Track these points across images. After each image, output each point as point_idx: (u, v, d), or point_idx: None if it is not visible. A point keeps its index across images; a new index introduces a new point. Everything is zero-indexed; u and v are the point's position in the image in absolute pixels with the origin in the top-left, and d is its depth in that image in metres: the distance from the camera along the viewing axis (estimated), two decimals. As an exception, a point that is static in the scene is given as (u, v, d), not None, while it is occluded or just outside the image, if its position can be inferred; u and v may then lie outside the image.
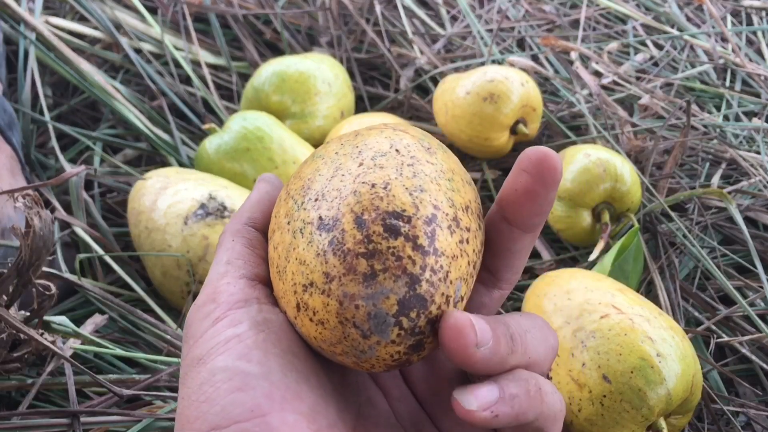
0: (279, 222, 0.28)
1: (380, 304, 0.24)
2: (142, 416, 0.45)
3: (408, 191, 0.25)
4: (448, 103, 0.67)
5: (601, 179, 0.59)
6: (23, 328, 0.42)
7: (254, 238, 0.29)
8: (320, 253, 0.25)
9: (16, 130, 0.63)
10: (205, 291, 0.28)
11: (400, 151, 0.27)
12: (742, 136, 0.73)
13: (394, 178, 0.26)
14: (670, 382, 0.43)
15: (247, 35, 0.81)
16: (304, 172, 0.28)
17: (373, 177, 0.26)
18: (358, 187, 0.25)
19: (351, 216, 0.25)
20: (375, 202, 0.25)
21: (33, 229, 0.41)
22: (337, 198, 0.26)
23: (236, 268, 0.28)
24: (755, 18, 0.91)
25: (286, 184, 0.29)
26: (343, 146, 0.28)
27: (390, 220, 0.25)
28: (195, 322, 0.27)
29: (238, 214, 0.30)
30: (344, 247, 0.25)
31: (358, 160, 0.27)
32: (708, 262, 0.58)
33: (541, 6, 0.90)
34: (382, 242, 0.24)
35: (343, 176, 0.26)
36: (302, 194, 0.27)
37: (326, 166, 0.27)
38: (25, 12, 0.72)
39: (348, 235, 0.25)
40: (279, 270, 0.27)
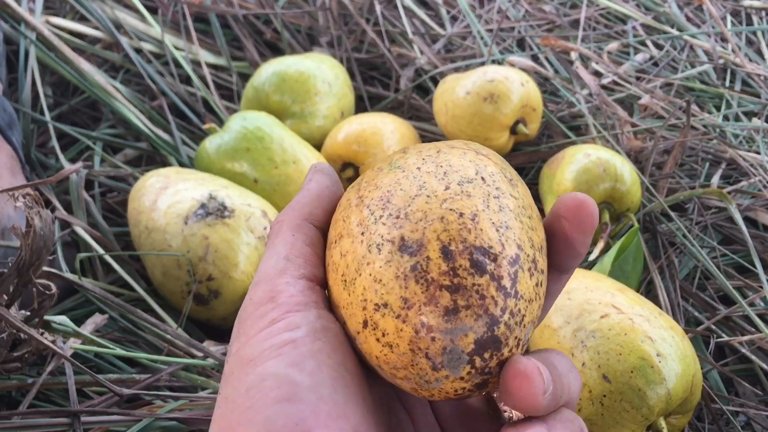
0: (349, 229, 0.26)
1: (458, 340, 0.24)
2: (143, 416, 0.45)
3: (495, 227, 0.25)
4: (448, 103, 0.67)
5: (601, 179, 0.59)
6: (24, 328, 0.42)
7: (314, 236, 0.28)
8: (400, 276, 0.24)
9: (16, 130, 0.63)
10: (262, 287, 0.27)
11: (486, 180, 0.26)
12: (741, 136, 0.73)
13: (482, 210, 0.25)
14: (670, 381, 0.43)
15: (247, 35, 0.81)
16: (381, 182, 0.27)
17: (460, 205, 0.25)
18: (446, 214, 0.25)
19: (437, 244, 0.24)
20: (463, 234, 0.24)
21: (33, 229, 0.41)
22: (422, 220, 0.25)
23: (296, 266, 0.27)
24: (755, 18, 0.91)
25: (355, 188, 0.28)
26: (425, 162, 0.27)
27: (477, 255, 0.24)
28: (250, 318, 0.26)
29: (298, 206, 0.29)
30: (428, 276, 0.24)
31: (444, 183, 0.26)
32: (708, 262, 0.58)
33: (541, 6, 0.90)
34: (468, 278, 0.24)
35: (429, 198, 0.25)
36: (380, 206, 0.26)
37: (408, 180, 0.26)
38: (25, 12, 0.72)
39: (433, 264, 0.24)
40: (346, 280, 0.26)
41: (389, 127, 0.66)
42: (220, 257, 0.53)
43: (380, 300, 0.25)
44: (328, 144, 0.66)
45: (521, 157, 0.70)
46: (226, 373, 0.26)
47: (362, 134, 0.65)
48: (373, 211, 0.26)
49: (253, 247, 0.54)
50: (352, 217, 0.27)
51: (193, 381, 0.49)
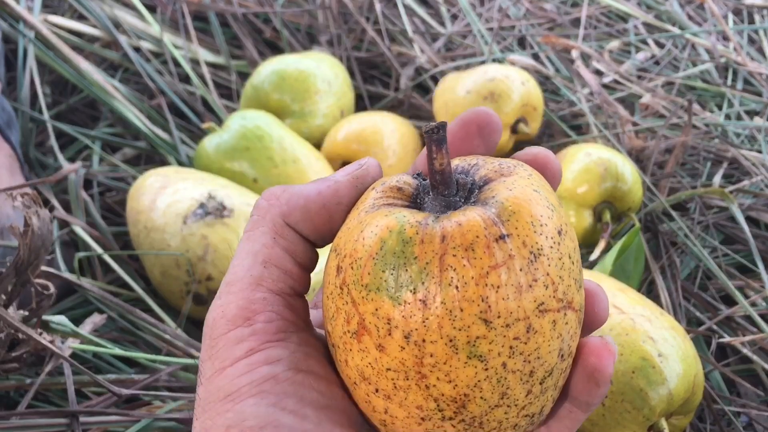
0: (404, 403, 0.24)
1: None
2: (141, 416, 0.44)
3: (557, 389, 0.25)
4: (448, 102, 0.67)
5: (602, 178, 0.59)
6: (22, 328, 0.42)
7: (298, 244, 0.26)
8: None
9: (14, 129, 0.63)
10: (234, 299, 0.25)
11: (564, 355, 0.25)
12: (743, 135, 0.72)
13: (551, 397, 0.25)
14: (672, 382, 0.42)
15: (246, 34, 0.80)
16: (456, 374, 0.23)
17: (536, 407, 0.24)
18: (521, 422, 0.24)
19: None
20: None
21: (31, 228, 0.41)
22: (495, 430, 0.24)
23: (274, 278, 0.25)
24: (757, 16, 0.91)
25: (413, 362, 0.23)
26: (512, 353, 0.23)
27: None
28: (222, 341, 0.25)
29: (288, 201, 0.26)
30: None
31: (527, 387, 0.23)
32: (709, 261, 0.57)
33: (542, 4, 0.90)
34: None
35: (509, 408, 0.24)
36: (453, 408, 0.23)
37: (490, 386, 0.23)
38: (24, 10, 0.72)
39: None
40: (389, 429, 0.25)
41: (389, 126, 0.66)
42: (219, 257, 0.53)
43: None
44: (328, 143, 0.66)
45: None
46: (201, 398, 0.25)
47: (362, 133, 0.65)
48: (442, 409, 0.23)
49: (252, 246, 0.54)
50: (411, 396, 0.23)
51: (192, 381, 0.48)
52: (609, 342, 0.25)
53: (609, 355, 0.25)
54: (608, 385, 0.25)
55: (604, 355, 0.25)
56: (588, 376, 0.25)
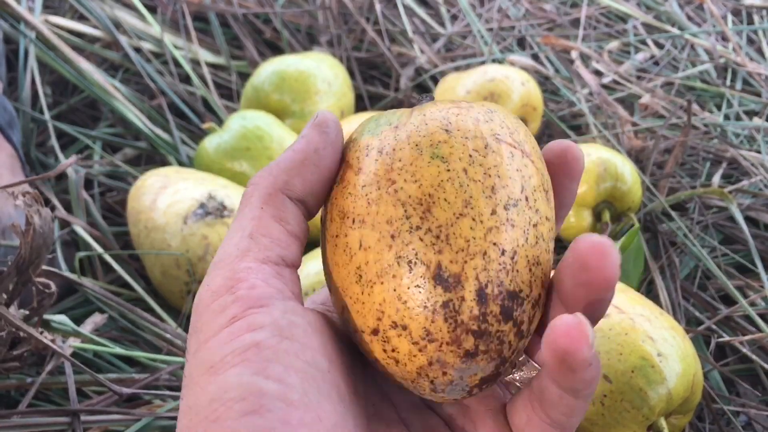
0: (376, 219, 0.24)
1: (467, 377, 0.24)
2: (142, 415, 0.44)
3: (529, 265, 0.24)
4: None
5: (601, 178, 0.59)
6: (23, 327, 0.42)
7: (287, 210, 0.26)
8: (429, 307, 0.23)
9: (16, 129, 0.63)
10: (220, 272, 0.24)
11: (528, 200, 0.25)
12: (742, 135, 0.72)
13: (521, 244, 0.24)
14: (671, 381, 0.43)
15: (246, 34, 0.80)
16: (420, 173, 0.24)
17: (504, 238, 0.24)
18: (490, 250, 0.24)
19: (474, 284, 0.23)
20: (501, 276, 0.24)
21: (33, 227, 0.41)
22: (463, 251, 0.23)
23: (261, 247, 0.25)
24: (756, 17, 0.91)
25: (382, 157, 0.25)
26: (472, 162, 0.24)
27: (508, 301, 0.24)
28: (207, 313, 0.24)
29: (275, 171, 0.26)
30: (458, 318, 0.23)
31: (491, 204, 0.24)
32: (709, 261, 0.58)
33: (542, 5, 0.90)
34: (495, 324, 0.24)
35: (474, 222, 0.24)
36: (419, 213, 0.24)
37: (453, 188, 0.24)
38: (24, 11, 0.72)
39: (466, 306, 0.23)
40: (362, 276, 0.24)
41: (389, 126, 0.66)
42: (219, 257, 0.53)
43: (400, 320, 0.24)
44: (328, 143, 0.66)
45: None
46: (187, 375, 0.24)
47: (362, 133, 0.65)
48: (410, 216, 0.24)
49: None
50: (382, 208, 0.24)
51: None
52: (582, 322, 0.22)
53: (581, 337, 0.22)
54: (589, 370, 0.22)
55: (575, 336, 0.22)
56: (560, 360, 0.22)
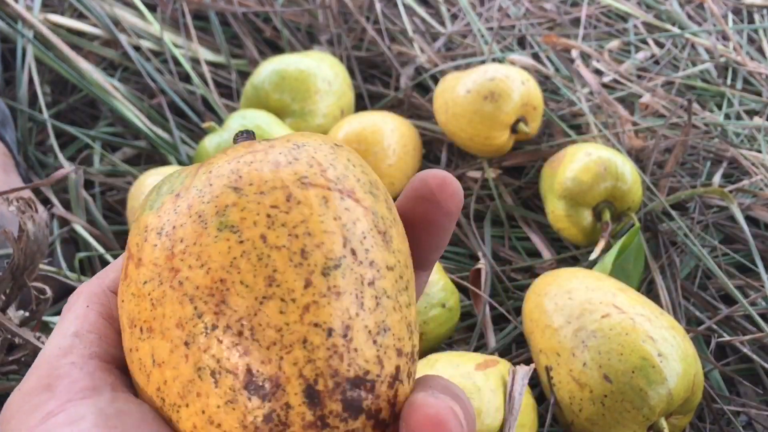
0: (164, 325, 0.19)
1: None
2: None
3: (371, 337, 0.19)
4: (448, 102, 0.67)
5: (601, 178, 0.59)
6: (19, 332, 0.42)
7: (116, 308, 0.22)
8: (248, 426, 0.18)
9: (9, 127, 0.62)
10: (37, 372, 0.21)
11: (357, 253, 0.20)
12: (743, 134, 0.72)
13: (355, 313, 0.19)
14: (672, 381, 0.43)
15: (246, 33, 0.80)
16: (207, 254, 0.19)
17: (328, 315, 0.19)
18: (309, 334, 0.18)
19: (299, 383, 0.18)
20: (333, 364, 0.19)
21: (26, 233, 0.41)
22: (276, 345, 0.18)
23: (86, 343, 0.21)
24: (756, 16, 0.91)
25: (159, 234, 0.20)
26: (272, 224, 0.19)
27: (351, 392, 0.19)
28: (17, 415, 0.20)
29: (102, 274, 0.23)
30: (288, 430, 0.18)
31: (304, 273, 0.19)
32: (709, 261, 0.58)
33: (542, 4, 0.90)
34: (341, 425, 0.19)
35: (284, 303, 0.19)
36: (212, 306, 0.19)
37: (250, 265, 0.19)
38: (23, 9, 0.72)
39: (295, 414, 0.18)
40: (165, 400, 0.20)
41: (389, 125, 0.66)
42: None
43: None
44: (328, 142, 0.66)
45: (522, 155, 0.69)
46: None
47: (362, 133, 0.65)
48: (201, 312, 0.19)
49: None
50: (168, 308, 0.19)
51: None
52: (443, 413, 0.18)
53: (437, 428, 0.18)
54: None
55: (438, 429, 0.18)
56: None
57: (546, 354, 0.46)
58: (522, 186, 0.68)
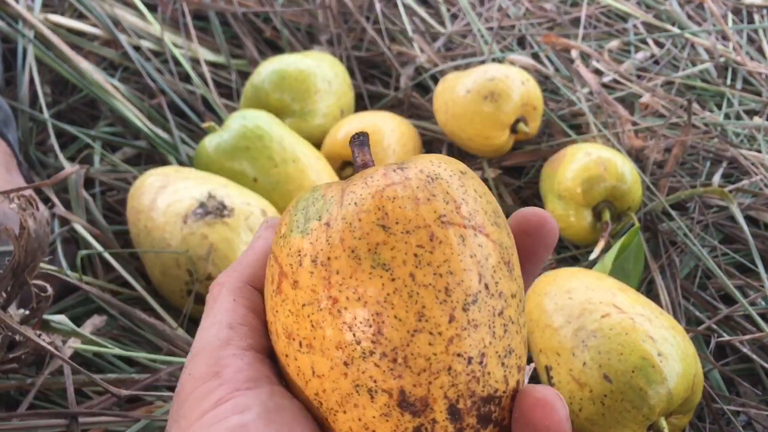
0: (324, 345, 0.23)
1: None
2: (141, 416, 0.44)
3: (500, 360, 0.23)
4: (448, 102, 0.67)
5: (601, 178, 0.59)
6: (20, 330, 0.42)
7: (258, 301, 0.26)
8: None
9: (11, 127, 0.62)
10: (204, 360, 0.24)
11: (490, 287, 0.23)
12: (743, 134, 0.72)
13: (489, 342, 0.23)
14: (671, 381, 0.43)
15: (246, 33, 0.80)
16: (363, 289, 0.22)
17: (468, 345, 0.22)
18: (454, 363, 0.22)
19: (444, 403, 0.22)
20: (471, 386, 0.22)
21: (27, 231, 0.41)
22: (426, 372, 0.22)
23: (241, 335, 0.24)
24: (756, 16, 0.91)
25: (317, 266, 0.23)
26: (419, 263, 0.22)
27: (484, 408, 0.23)
28: (190, 398, 0.23)
29: (240, 267, 0.26)
30: None
31: (448, 310, 0.22)
32: (709, 261, 0.58)
33: (542, 4, 0.90)
34: None
35: (432, 336, 0.22)
36: (369, 336, 0.22)
37: (402, 301, 0.22)
38: (23, 9, 0.72)
39: (439, 427, 0.22)
40: (325, 406, 0.23)
41: (389, 125, 0.66)
42: (219, 256, 0.53)
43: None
44: (328, 143, 0.66)
45: (522, 155, 0.69)
46: None
47: (362, 133, 0.65)
48: (360, 340, 0.22)
49: (252, 246, 0.54)
50: (328, 332, 0.22)
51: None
52: (550, 396, 0.22)
53: (552, 411, 0.22)
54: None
55: (547, 409, 0.22)
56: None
57: (546, 354, 0.47)
58: (522, 186, 0.68)
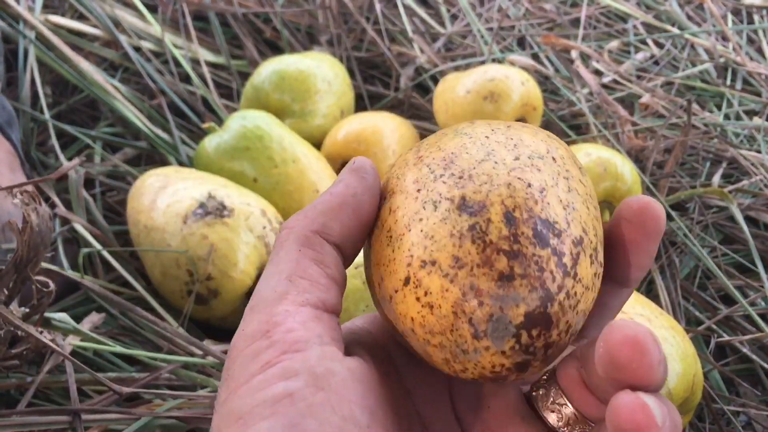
0: (403, 186, 0.25)
1: (508, 309, 0.22)
2: (142, 414, 0.44)
3: (562, 204, 0.23)
4: (448, 102, 0.67)
5: (601, 178, 0.59)
6: (22, 326, 0.42)
7: (326, 253, 0.25)
8: (455, 234, 0.23)
9: (15, 128, 0.63)
10: (257, 316, 0.23)
11: (557, 160, 0.25)
12: (742, 135, 0.72)
13: (551, 185, 0.24)
14: (671, 381, 0.43)
15: (246, 33, 0.80)
16: (445, 144, 0.25)
17: (530, 176, 0.23)
18: (513, 181, 0.23)
19: (501, 208, 0.23)
20: (529, 203, 0.23)
21: (30, 225, 0.41)
22: (487, 183, 0.23)
23: (300, 290, 0.24)
24: (756, 16, 0.91)
25: (414, 150, 0.26)
26: (494, 132, 0.25)
27: (541, 227, 0.23)
28: (240, 359, 0.23)
29: (312, 214, 0.25)
30: (486, 237, 0.22)
31: (514, 153, 0.24)
32: (709, 261, 0.58)
33: (542, 4, 0.90)
34: (529, 247, 0.22)
35: (496, 164, 0.24)
36: (442, 166, 0.24)
37: (475, 146, 0.25)
38: (24, 10, 0.72)
39: (494, 227, 0.22)
40: (392, 236, 0.24)
41: (389, 126, 0.66)
42: (219, 256, 0.53)
43: (428, 257, 0.23)
44: (328, 143, 0.66)
45: (521, 156, 0.69)
46: (214, 427, 0.22)
47: (362, 133, 0.65)
48: (434, 170, 0.24)
49: (252, 246, 0.54)
50: (408, 175, 0.25)
51: (193, 379, 0.48)
52: (642, 334, 0.20)
53: (643, 352, 0.20)
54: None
55: (636, 349, 0.20)
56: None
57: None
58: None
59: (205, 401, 0.47)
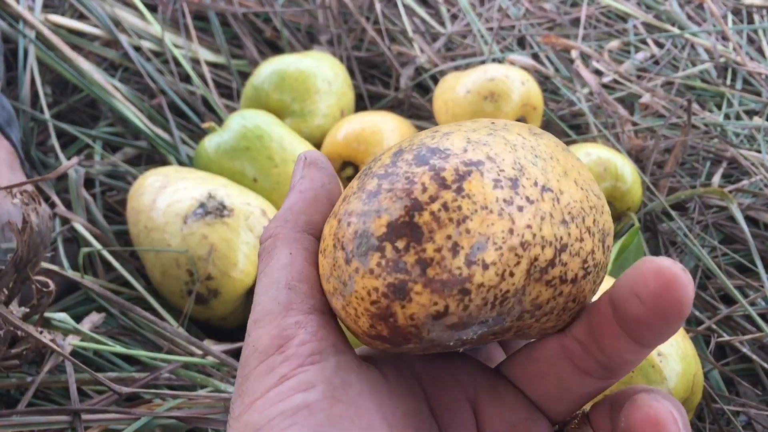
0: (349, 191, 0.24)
1: (370, 222, 0.21)
2: (142, 414, 0.44)
3: (469, 142, 0.22)
4: (448, 102, 0.67)
5: (601, 178, 0.59)
6: (22, 326, 0.42)
7: (317, 251, 0.24)
8: (358, 186, 0.22)
9: (15, 127, 0.63)
10: (266, 331, 0.23)
11: (520, 144, 0.23)
12: (743, 134, 0.72)
13: (465, 138, 0.22)
14: (671, 381, 0.43)
15: (246, 33, 0.80)
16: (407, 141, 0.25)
17: (453, 140, 0.22)
18: (426, 140, 0.23)
19: (395, 148, 0.23)
20: (425, 140, 0.22)
21: (30, 225, 0.41)
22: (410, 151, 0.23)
23: (302, 296, 0.23)
24: (756, 16, 0.91)
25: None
26: (476, 131, 0.24)
27: (425, 151, 0.21)
28: (254, 375, 0.22)
29: (292, 215, 0.25)
30: (370, 171, 0.22)
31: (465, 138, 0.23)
32: (709, 261, 0.58)
33: (542, 4, 0.90)
34: (404, 166, 0.21)
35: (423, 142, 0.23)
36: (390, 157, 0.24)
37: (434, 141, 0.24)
38: (24, 10, 0.72)
39: (380, 163, 0.22)
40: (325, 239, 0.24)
41: (389, 125, 0.66)
42: (219, 256, 0.53)
43: (333, 215, 0.23)
44: (328, 143, 0.66)
45: (521, 155, 0.69)
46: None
47: (362, 133, 0.65)
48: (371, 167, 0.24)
49: (252, 246, 0.54)
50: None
51: (193, 379, 0.49)
52: (676, 270, 0.19)
53: (675, 286, 0.19)
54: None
55: (671, 282, 0.19)
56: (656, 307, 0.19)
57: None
58: (522, 186, 0.68)
59: (205, 401, 0.47)
